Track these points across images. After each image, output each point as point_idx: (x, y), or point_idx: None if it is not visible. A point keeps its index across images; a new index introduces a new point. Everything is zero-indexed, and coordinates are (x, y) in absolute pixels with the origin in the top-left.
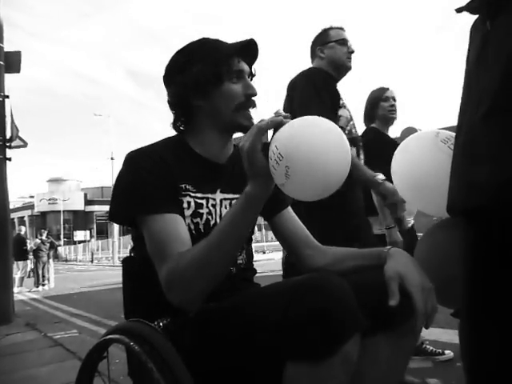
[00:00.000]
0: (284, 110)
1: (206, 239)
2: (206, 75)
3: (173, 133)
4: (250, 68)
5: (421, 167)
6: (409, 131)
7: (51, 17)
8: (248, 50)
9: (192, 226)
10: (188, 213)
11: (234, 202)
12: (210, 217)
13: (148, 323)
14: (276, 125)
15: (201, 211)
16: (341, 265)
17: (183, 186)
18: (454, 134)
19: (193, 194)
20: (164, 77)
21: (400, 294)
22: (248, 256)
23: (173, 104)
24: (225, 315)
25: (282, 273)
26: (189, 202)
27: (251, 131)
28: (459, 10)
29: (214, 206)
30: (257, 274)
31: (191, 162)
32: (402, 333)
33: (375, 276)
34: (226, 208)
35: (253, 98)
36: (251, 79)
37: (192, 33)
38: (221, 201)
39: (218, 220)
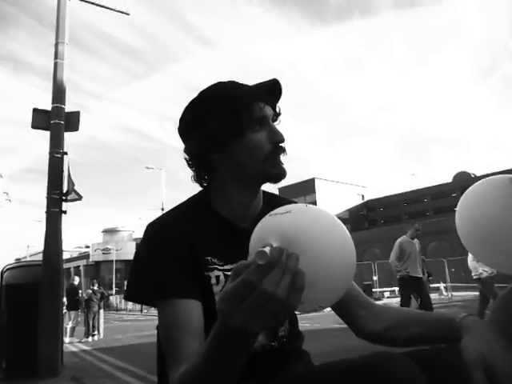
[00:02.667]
0: None
1: (198, 361)
2: (224, 129)
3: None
4: (274, 109)
5: (493, 217)
6: (461, 176)
7: (110, 79)
8: (271, 91)
9: None
10: (218, 288)
11: None
12: None
13: None
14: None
15: None
16: (402, 331)
17: (209, 259)
18: None
19: (221, 268)
20: (179, 130)
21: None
22: (292, 324)
23: (190, 161)
24: None
25: (331, 326)
26: (217, 277)
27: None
28: None
29: None
30: (306, 327)
31: (215, 228)
32: None
33: (450, 354)
34: None
35: (281, 145)
36: (276, 119)
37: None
38: None
39: None
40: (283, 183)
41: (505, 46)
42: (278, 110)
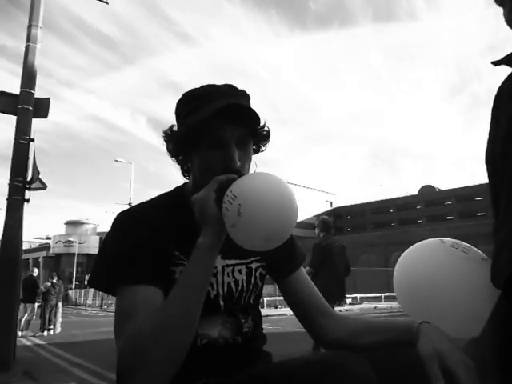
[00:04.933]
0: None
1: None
2: (182, 138)
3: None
4: (252, 131)
5: (438, 277)
6: (426, 189)
7: (83, 68)
8: (237, 112)
9: None
10: None
11: (237, 268)
12: (210, 288)
13: None
14: (233, 181)
15: None
16: (361, 339)
17: (177, 254)
18: (457, 241)
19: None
20: None
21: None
22: (255, 322)
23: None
24: None
25: (293, 329)
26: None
27: (208, 185)
28: (497, 63)
29: (214, 274)
30: (268, 330)
31: (187, 224)
32: None
33: (405, 354)
34: (228, 276)
35: (237, 169)
36: (245, 142)
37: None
38: (222, 268)
39: (220, 291)
40: None
41: (475, 66)
42: (261, 133)
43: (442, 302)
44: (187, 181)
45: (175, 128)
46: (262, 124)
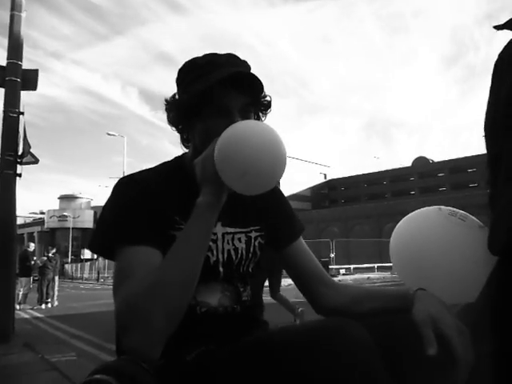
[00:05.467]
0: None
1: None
2: (185, 105)
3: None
4: (255, 100)
5: (436, 244)
6: (420, 161)
7: (71, 38)
8: (241, 81)
9: None
10: None
11: (236, 236)
12: (209, 253)
13: (141, 364)
14: None
15: None
16: (360, 306)
17: (177, 218)
18: (455, 209)
19: None
20: None
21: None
22: (254, 291)
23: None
24: (231, 362)
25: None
26: None
27: (210, 145)
28: (499, 28)
29: (214, 241)
30: (265, 300)
31: (187, 190)
32: None
33: (401, 319)
34: (228, 243)
35: None
36: (248, 110)
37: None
38: (222, 235)
39: (220, 257)
40: None
41: (471, 36)
42: (262, 103)
43: (440, 269)
44: (186, 151)
45: (177, 97)
46: (264, 93)
